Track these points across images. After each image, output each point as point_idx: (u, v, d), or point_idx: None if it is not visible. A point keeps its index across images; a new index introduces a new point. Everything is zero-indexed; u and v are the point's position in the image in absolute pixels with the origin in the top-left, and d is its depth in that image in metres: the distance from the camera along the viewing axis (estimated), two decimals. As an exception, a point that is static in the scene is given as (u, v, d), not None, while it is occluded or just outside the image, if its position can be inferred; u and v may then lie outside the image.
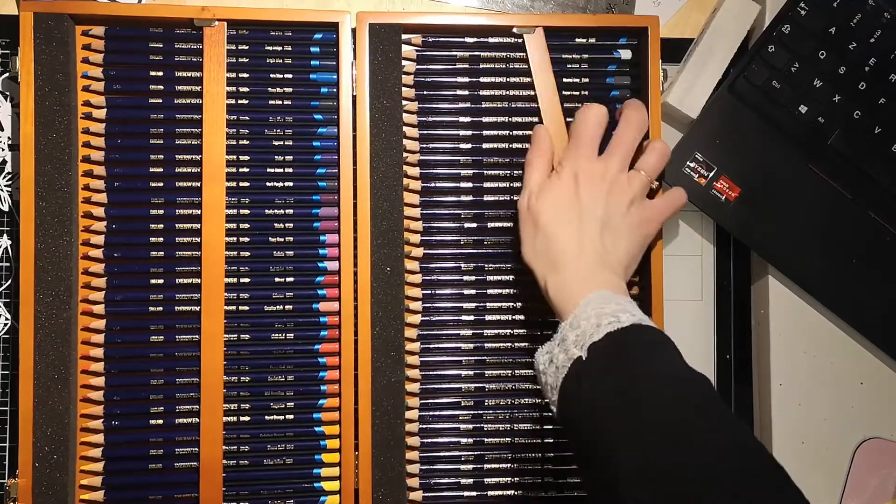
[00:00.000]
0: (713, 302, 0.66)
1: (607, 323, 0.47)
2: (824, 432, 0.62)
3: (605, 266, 0.53)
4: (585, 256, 0.53)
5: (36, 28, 0.57)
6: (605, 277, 0.52)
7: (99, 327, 0.58)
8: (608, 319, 0.47)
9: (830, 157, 0.62)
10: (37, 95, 0.57)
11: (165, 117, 0.59)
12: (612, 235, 0.54)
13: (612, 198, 0.55)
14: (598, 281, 0.52)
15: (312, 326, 0.60)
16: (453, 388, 0.61)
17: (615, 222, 0.55)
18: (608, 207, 0.55)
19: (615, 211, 0.55)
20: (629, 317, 0.47)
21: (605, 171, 0.56)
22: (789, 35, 0.61)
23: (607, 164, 0.56)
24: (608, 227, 0.54)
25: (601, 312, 0.48)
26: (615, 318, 0.47)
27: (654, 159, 0.57)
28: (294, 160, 0.60)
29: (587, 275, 0.52)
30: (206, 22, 0.59)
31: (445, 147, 0.62)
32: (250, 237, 0.59)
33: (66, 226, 0.57)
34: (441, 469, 0.61)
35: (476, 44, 0.62)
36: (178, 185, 0.59)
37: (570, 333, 0.48)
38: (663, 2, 0.66)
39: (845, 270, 0.62)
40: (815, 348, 0.63)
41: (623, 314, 0.47)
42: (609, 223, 0.55)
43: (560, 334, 0.49)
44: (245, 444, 0.59)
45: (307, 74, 0.60)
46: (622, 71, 0.63)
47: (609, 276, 0.52)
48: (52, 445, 0.56)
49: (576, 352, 0.46)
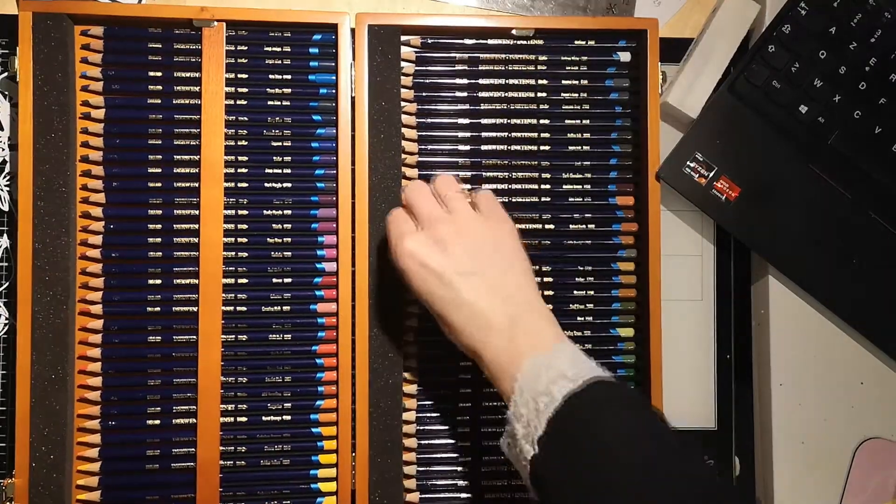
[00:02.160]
0: (713, 302, 0.65)
1: (544, 406, 0.43)
2: (824, 432, 0.62)
3: (501, 314, 0.48)
4: (476, 320, 0.48)
5: (35, 28, 0.57)
6: (511, 333, 0.47)
7: (96, 327, 0.58)
8: (544, 402, 0.43)
9: (830, 157, 0.61)
10: (35, 95, 0.57)
11: (164, 118, 0.59)
12: (467, 272, 0.49)
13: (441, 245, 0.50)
14: (513, 344, 0.47)
15: (310, 327, 0.60)
16: (450, 389, 0.61)
17: (455, 260, 0.50)
18: (441, 257, 0.50)
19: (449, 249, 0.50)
20: (562, 385, 0.43)
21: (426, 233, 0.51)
22: (789, 35, 0.61)
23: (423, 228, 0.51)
24: (458, 273, 0.49)
25: (536, 392, 0.44)
26: (549, 398, 0.43)
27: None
28: (292, 161, 0.60)
29: (496, 342, 0.47)
30: (205, 22, 0.59)
31: (444, 148, 0.62)
32: (248, 238, 0.59)
33: (65, 226, 0.57)
34: (438, 470, 0.60)
35: (475, 45, 0.62)
36: (177, 185, 0.59)
37: (517, 426, 0.45)
38: (663, 2, 0.66)
39: (845, 270, 0.61)
40: (815, 348, 0.63)
41: (556, 385, 0.43)
42: (454, 264, 0.49)
43: (510, 426, 0.46)
44: (242, 445, 0.59)
45: (306, 75, 0.60)
46: (621, 73, 0.63)
47: (514, 327, 0.47)
48: (48, 445, 0.56)
49: (529, 449, 0.44)
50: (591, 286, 0.62)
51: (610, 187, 0.62)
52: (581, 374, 0.44)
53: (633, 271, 0.62)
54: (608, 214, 0.62)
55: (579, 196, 0.62)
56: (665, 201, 0.63)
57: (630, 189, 0.62)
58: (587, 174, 0.62)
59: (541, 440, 0.43)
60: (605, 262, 0.62)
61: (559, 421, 0.43)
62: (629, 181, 0.63)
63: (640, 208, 0.62)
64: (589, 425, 0.42)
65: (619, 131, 0.63)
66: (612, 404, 0.43)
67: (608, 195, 0.62)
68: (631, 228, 0.62)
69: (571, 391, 0.43)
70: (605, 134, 0.62)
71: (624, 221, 0.62)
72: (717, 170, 0.61)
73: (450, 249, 0.49)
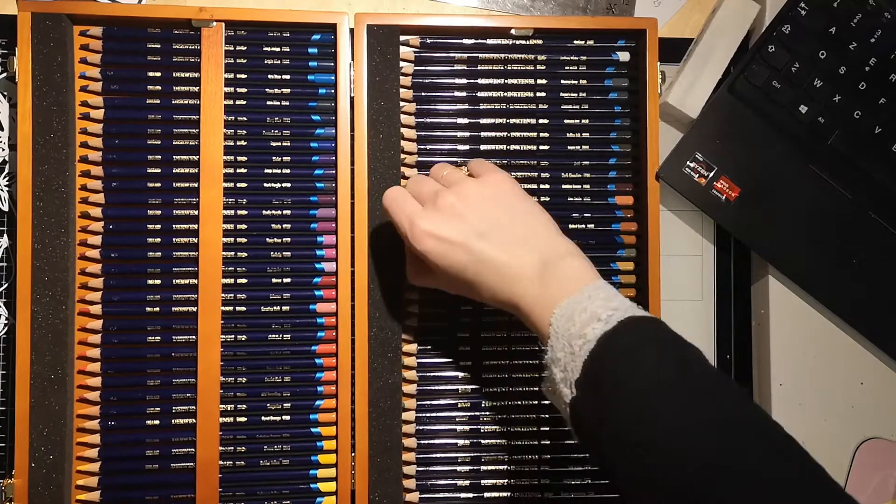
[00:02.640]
0: (713, 302, 0.65)
1: (579, 349, 0.44)
2: (824, 432, 0.62)
3: (529, 263, 0.48)
4: (507, 274, 0.49)
5: (34, 28, 0.57)
6: (542, 280, 0.48)
7: (96, 328, 0.58)
8: (578, 344, 0.44)
9: (830, 157, 0.61)
10: (34, 95, 0.57)
11: (163, 118, 0.59)
12: (492, 229, 0.50)
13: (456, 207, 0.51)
14: (546, 290, 0.47)
15: (309, 327, 0.60)
16: (450, 389, 0.61)
17: (477, 215, 0.50)
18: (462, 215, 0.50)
19: (463, 211, 0.50)
20: (596, 327, 0.44)
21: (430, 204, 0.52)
22: (789, 35, 0.61)
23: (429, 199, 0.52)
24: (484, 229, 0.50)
25: (570, 335, 0.44)
26: (583, 340, 0.44)
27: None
28: (292, 161, 0.60)
29: (529, 291, 0.48)
30: (204, 22, 0.59)
31: (443, 148, 0.62)
32: (248, 238, 0.59)
33: (64, 226, 0.57)
34: (438, 470, 0.60)
35: (474, 45, 0.62)
36: (176, 185, 0.59)
37: (555, 370, 0.45)
38: (663, 2, 0.66)
39: (845, 270, 0.61)
40: (815, 348, 0.62)
41: (590, 327, 0.44)
42: (478, 224, 0.50)
43: (548, 371, 0.46)
44: (242, 445, 0.59)
45: (305, 75, 0.60)
46: (620, 73, 0.63)
47: (545, 272, 0.48)
48: (48, 445, 0.56)
49: (567, 392, 0.44)
50: (591, 286, 0.62)
51: (609, 187, 0.62)
52: (615, 314, 0.44)
53: (632, 271, 0.62)
54: (607, 214, 0.62)
55: (578, 196, 0.62)
56: (665, 201, 0.63)
57: (629, 189, 0.62)
58: (586, 174, 0.62)
59: (578, 382, 0.43)
60: (605, 262, 0.62)
61: (594, 362, 0.43)
62: (629, 181, 0.62)
63: (640, 208, 0.62)
64: (621, 365, 0.42)
65: (619, 131, 0.62)
66: (647, 343, 0.43)
67: (607, 195, 0.62)
68: (630, 228, 0.62)
69: (605, 332, 0.43)
70: (605, 134, 0.62)
71: (623, 221, 0.62)
72: (717, 170, 0.61)
73: (462, 215, 0.50)
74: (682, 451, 0.39)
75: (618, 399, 0.42)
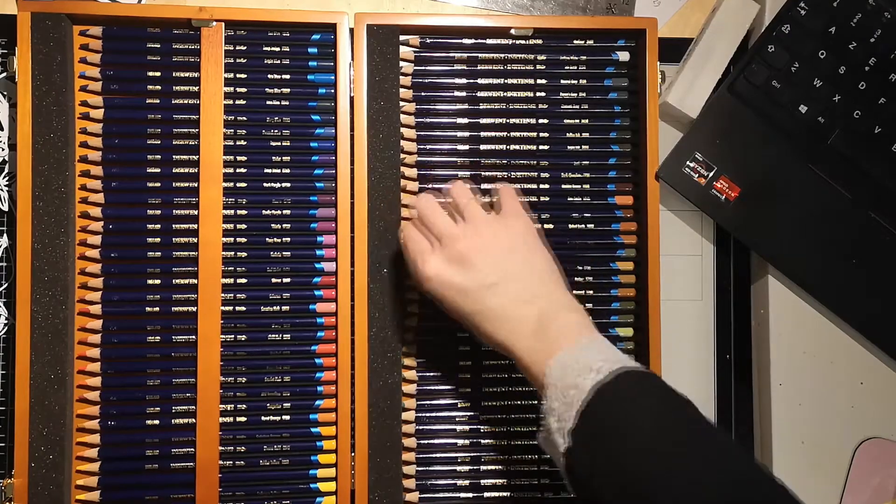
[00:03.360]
0: (713, 302, 0.65)
1: (574, 399, 0.44)
2: (824, 432, 0.62)
3: (529, 317, 0.49)
4: (506, 326, 0.49)
5: (33, 28, 0.57)
6: (540, 333, 0.48)
7: (95, 327, 0.58)
8: (573, 394, 0.44)
9: (830, 157, 0.61)
10: (34, 95, 0.57)
11: (163, 118, 0.59)
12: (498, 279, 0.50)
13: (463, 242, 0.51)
14: (543, 342, 0.48)
15: (309, 327, 0.60)
16: (450, 389, 0.61)
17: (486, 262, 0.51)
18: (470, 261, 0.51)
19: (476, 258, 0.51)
20: (590, 378, 0.44)
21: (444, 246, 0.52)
22: (789, 35, 0.61)
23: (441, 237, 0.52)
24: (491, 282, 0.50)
25: (565, 385, 0.45)
26: (578, 390, 0.44)
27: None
28: (291, 161, 0.60)
29: (527, 344, 0.48)
30: (203, 22, 0.59)
31: (443, 148, 0.62)
32: (247, 238, 0.59)
33: (63, 226, 0.57)
34: (437, 470, 0.60)
35: (474, 45, 0.62)
36: (175, 185, 0.59)
37: (551, 420, 0.46)
38: (663, 2, 0.66)
39: (845, 270, 0.61)
40: (815, 348, 0.62)
41: (583, 377, 0.44)
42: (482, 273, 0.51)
43: (545, 421, 0.46)
44: (241, 445, 0.59)
45: (305, 75, 0.60)
46: (620, 73, 0.63)
47: (542, 326, 0.48)
48: (48, 445, 0.56)
49: (562, 442, 0.44)
50: (591, 286, 0.62)
51: (609, 187, 0.62)
52: (608, 366, 0.45)
53: (632, 271, 0.62)
54: (607, 214, 0.62)
55: (578, 196, 0.62)
56: (665, 201, 0.63)
57: (629, 189, 0.62)
58: (586, 174, 0.62)
59: (572, 432, 0.44)
60: (605, 262, 0.62)
61: (588, 413, 0.43)
62: (628, 181, 0.62)
63: (640, 208, 0.62)
64: (617, 416, 0.43)
65: (619, 131, 0.62)
66: (640, 394, 0.44)
67: (607, 195, 0.62)
68: (630, 228, 0.62)
69: (599, 382, 0.44)
70: (605, 134, 0.62)
71: (623, 221, 0.62)
72: (717, 170, 0.61)
73: (471, 264, 0.50)
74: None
75: (614, 447, 0.42)
